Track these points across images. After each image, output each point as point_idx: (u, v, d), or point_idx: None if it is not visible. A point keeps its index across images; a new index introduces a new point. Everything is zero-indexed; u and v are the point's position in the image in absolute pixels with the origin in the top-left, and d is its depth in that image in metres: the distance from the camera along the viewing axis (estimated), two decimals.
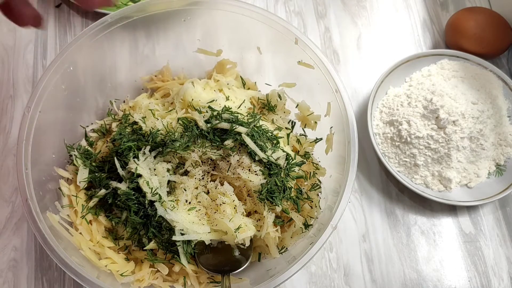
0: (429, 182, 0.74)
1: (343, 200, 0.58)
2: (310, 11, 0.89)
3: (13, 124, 0.76)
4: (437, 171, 0.74)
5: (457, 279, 0.71)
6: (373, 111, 0.78)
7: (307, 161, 0.69)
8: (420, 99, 0.76)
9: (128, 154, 0.64)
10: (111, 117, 0.72)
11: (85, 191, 0.66)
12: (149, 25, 0.71)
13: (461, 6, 0.90)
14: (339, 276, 0.70)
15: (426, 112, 0.74)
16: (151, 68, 0.75)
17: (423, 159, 0.74)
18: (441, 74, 0.80)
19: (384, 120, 0.78)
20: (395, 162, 0.75)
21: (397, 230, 0.74)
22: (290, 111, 0.73)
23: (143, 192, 0.62)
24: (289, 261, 0.58)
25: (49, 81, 0.62)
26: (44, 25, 0.83)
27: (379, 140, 0.77)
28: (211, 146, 0.65)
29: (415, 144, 0.74)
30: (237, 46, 0.74)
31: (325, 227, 0.57)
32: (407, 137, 0.74)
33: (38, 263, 0.69)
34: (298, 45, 0.66)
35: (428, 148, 0.73)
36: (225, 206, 0.61)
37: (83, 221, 0.63)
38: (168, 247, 0.62)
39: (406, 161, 0.75)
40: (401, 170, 0.75)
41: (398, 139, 0.75)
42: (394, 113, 0.77)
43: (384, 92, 0.79)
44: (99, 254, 0.62)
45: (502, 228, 0.75)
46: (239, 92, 0.72)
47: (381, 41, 0.87)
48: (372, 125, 0.77)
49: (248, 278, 0.62)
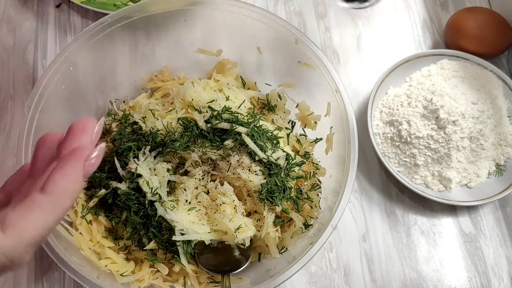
0: (429, 182, 0.74)
1: (343, 200, 0.58)
2: (310, 11, 0.89)
3: (13, 124, 0.76)
4: (437, 171, 0.74)
5: (457, 279, 0.71)
6: (373, 111, 0.78)
7: (307, 161, 0.69)
8: (420, 99, 0.76)
9: (128, 154, 0.64)
10: (111, 117, 0.72)
11: (85, 191, 0.66)
12: (149, 25, 0.71)
13: (461, 6, 0.90)
14: (339, 276, 0.70)
15: (426, 112, 0.74)
16: (151, 68, 0.75)
17: (423, 159, 0.74)
18: (441, 74, 0.80)
19: (384, 120, 0.78)
20: (395, 162, 0.75)
21: (397, 230, 0.74)
22: (290, 111, 0.73)
23: (143, 192, 0.62)
24: (289, 261, 0.58)
25: (49, 81, 0.62)
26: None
27: (379, 140, 0.77)
28: (211, 146, 0.65)
29: (415, 144, 0.74)
30: (237, 46, 0.74)
31: (325, 227, 0.57)
32: (407, 137, 0.74)
33: (38, 263, 0.69)
34: (298, 45, 0.66)
35: (428, 148, 0.73)
36: (225, 206, 0.61)
37: (83, 221, 0.63)
38: (168, 247, 0.62)
39: (406, 161, 0.75)
40: (401, 170, 0.75)
41: (398, 139, 0.75)
42: (394, 113, 0.77)
43: (384, 92, 0.79)
44: (99, 254, 0.62)
45: (502, 228, 0.75)
46: (239, 92, 0.72)
47: (381, 41, 0.87)
48: (372, 125, 0.76)
49: (248, 278, 0.62)
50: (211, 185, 0.64)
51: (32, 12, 0.84)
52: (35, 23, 0.84)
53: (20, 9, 0.85)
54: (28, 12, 0.84)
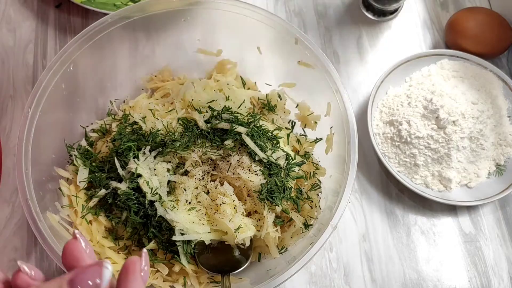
0: (429, 182, 0.74)
1: (343, 200, 0.58)
2: (310, 11, 0.89)
3: (13, 124, 0.76)
4: (437, 171, 0.74)
5: (457, 279, 0.71)
6: (373, 111, 0.78)
7: (307, 161, 0.69)
8: (420, 99, 0.76)
9: (128, 154, 0.64)
10: (111, 117, 0.72)
11: (85, 191, 0.66)
12: (149, 25, 0.71)
13: (461, 6, 0.90)
14: (339, 276, 0.70)
15: (426, 112, 0.74)
16: (151, 68, 0.75)
17: (423, 159, 0.74)
18: (441, 74, 0.79)
19: (384, 120, 0.78)
20: (395, 162, 0.75)
21: (397, 230, 0.74)
22: (290, 111, 0.73)
23: (143, 192, 0.62)
24: (289, 261, 0.58)
25: (49, 81, 0.62)
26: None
27: (379, 140, 0.77)
28: (211, 146, 0.65)
29: (415, 144, 0.73)
30: (237, 46, 0.74)
31: (325, 227, 0.57)
32: (407, 137, 0.74)
33: (38, 263, 0.69)
34: (298, 45, 0.66)
35: (428, 148, 0.73)
36: (225, 206, 0.61)
37: (83, 221, 0.63)
38: (168, 247, 0.62)
39: (406, 161, 0.74)
40: (401, 170, 0.75)
41: (398, 139, 0.75)
42: (394, 113, 0.77)
43: (384, 92, 0.79)
44: (99, 254, 0.62)
45: (502, 228, 0.75)
46: (239, 92, 0.72)
47: (381, 41, 0.87)
48: (372, 125, 0.76)
49: (248, 278, 0.62)
50: (211, 185, 0.64)
51: (32, 12, 0.84)
52: (35, 23, 0.84)
53: (20, 9, 0.85)
54: (28, 12, 0.84)
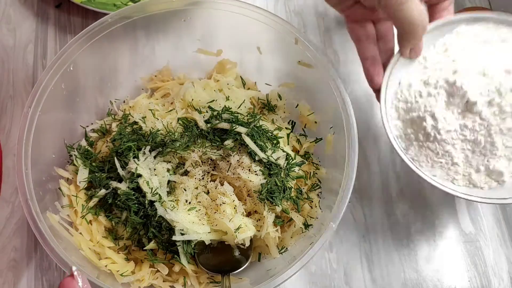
0: (476, 180, 0.61)
1: (343, 200, 0.58)
2: (310, 11, 0.89)
3: (13, 124, 0.76)
4: (483, 165, 0.61)
5: (457, 279, 0.71)
6: (388, 110, 0.63)
7: (307, 161, 0.69)
8: (441, 83, 0.60)
9: (128, 154, 0.64)
10: (111, 117, 0.72)
11: (85, 191, 0.66)
12: (149, 25, 0.71)
13: (461, 6, 0.90)
14: (339, 276, 0.70)
15: (451, 99, 0.60)
16: (151, 68, 0.75)
17: (461, 155, 0.61)
18: (460, 45, 0.63)
19: (402, 119, 0.64)
20: (427, 166, 0.62)
21: (397, 230, 0.74)
22: (290, 111, 0.73)
23: (143, 192, 0.62)
24: (289, 261, 0.58)
25: (49, 81, 0.62)
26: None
27: (403, 144, 0.63)
28: (211, 146, 0.66)
29: (447, 140, 0.60)
30: (237, 46, 0.74)
31: (325, 227, 0.57)
32: (436, 133, 0.60)
33: (38, 263, 0.69)
34: (298, 45, 0.66)
35: (465, 140, 0.60)
36: (225, 206, 0.61)
37: (83, 221, 0.63)
38: (168, 247, 0.62)
39: (442, 162, 0.61)
40: (437, 174, 0.62)
41: (424, 139, 0.61)
42: (412, 108, 0.62)
43: (397, 83, 0.64)
44: (99, 254, 0.62)
45: (502, 228, 0.75)
46: (239, 92, 0.72)
47: None
48: (390, 126, 0.62)
49: (248, 278, 0.62)
50: (211, 185, 0.64)
51: (32, 12, 0.84)
52: (35, 23, 0.84)
53: (20, 9, 0.85)
54: (28, 12, 0.84)
